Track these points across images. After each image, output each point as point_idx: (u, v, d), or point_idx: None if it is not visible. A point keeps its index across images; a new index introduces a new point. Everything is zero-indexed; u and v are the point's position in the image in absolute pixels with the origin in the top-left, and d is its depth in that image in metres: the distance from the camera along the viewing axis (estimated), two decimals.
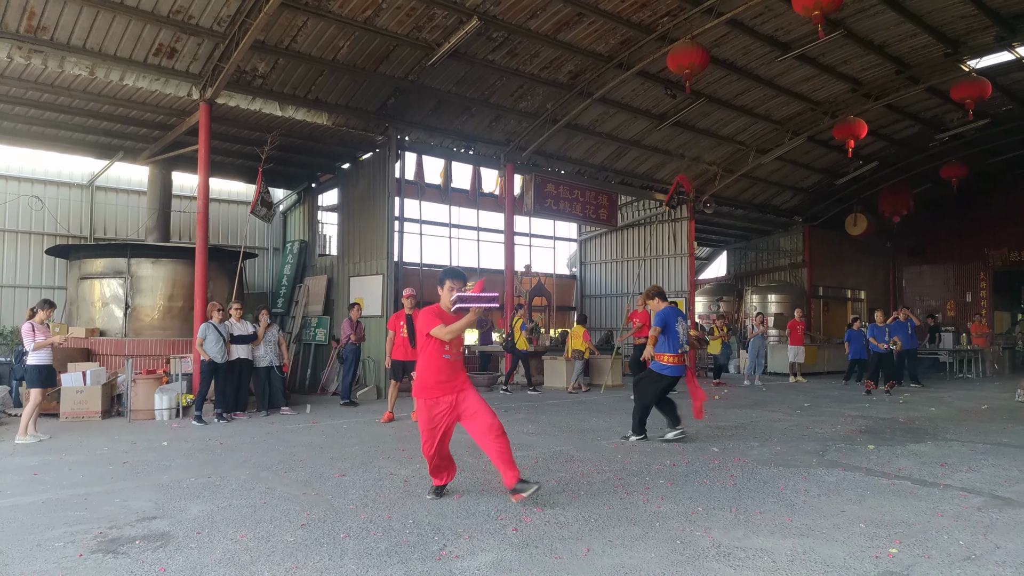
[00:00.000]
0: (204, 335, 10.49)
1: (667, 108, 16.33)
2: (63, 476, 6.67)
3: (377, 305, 14.10)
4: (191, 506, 5.50)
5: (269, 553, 4.38)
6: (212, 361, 10.43)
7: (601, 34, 13.19)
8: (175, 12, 10.43)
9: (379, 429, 9.69)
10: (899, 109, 18.00)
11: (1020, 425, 9.79)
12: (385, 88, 13.38)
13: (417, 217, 18.13)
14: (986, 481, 6.30)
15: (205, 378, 10.50)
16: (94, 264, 13.21)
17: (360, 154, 15.40)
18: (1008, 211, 24.23)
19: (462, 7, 11.54)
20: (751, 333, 17.40)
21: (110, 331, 12.84)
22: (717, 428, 9.58)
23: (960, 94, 14.47)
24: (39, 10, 9.89)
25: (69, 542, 4.63)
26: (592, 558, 4.29)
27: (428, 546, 4.51)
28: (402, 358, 10.55)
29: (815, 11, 10.19)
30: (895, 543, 4.53)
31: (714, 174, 19.68)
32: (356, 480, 6.36)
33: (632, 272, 21.89)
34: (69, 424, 10.10)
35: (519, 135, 16.07)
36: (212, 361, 10.43)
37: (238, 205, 16.95)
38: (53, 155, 14.42)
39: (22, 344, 9.41)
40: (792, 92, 16.45)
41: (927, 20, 13.83)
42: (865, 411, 11.42)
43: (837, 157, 20.12)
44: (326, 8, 11.03)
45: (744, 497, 5.71)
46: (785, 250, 25.12)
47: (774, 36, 14.00)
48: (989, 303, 25.20)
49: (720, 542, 4.56)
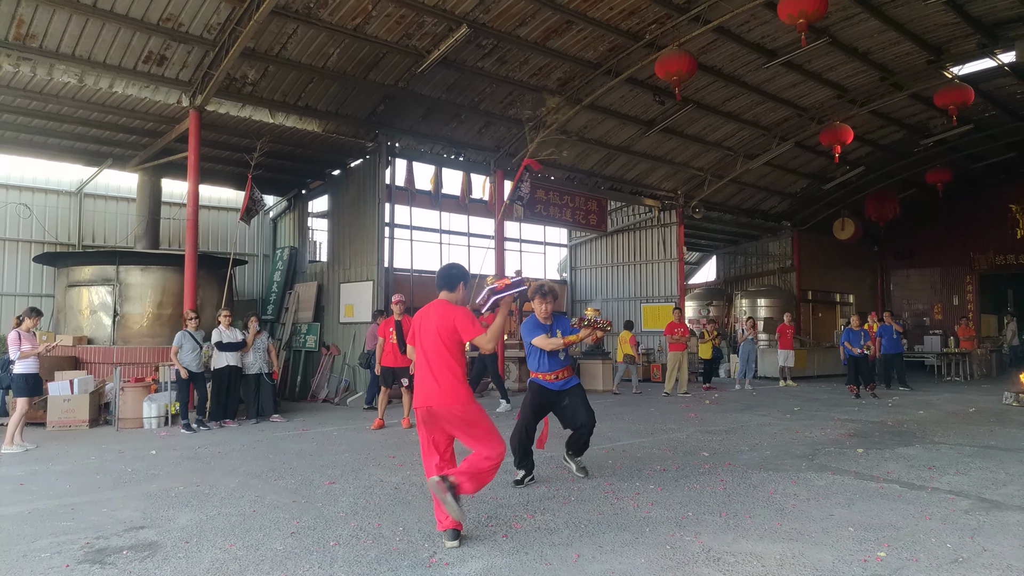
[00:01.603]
0: (180, 343, 10.40)
1: (655, 114, 16.42)
2: (50, 486, 6.62)
3: (367, 311, 14.08)
4: (179, 515, 5.48)
5: (258, 562, 4.37)
6: (188, 370, 10.37)
7: (590, 41, 13.26)
8: (165, 19, 10.43)
9: (369, 436, 9.67)
10: (884, 115, 18.17)
11: (1007, 428, 9.86)
12: (375, 95, 13.40)
13: (407, 223, 18.13)
14: (974, 484, 6.34)
15: (183, 387, 10.42)
16: (82, 272, 13.13)
17: (350, 161, 15.40)
18: (993, 215, 24.48)
19: (451, 15, 11.58)
20: (741, 337, 17.47)
21: (98, 339, 12.76)
22: (707, 433, 9.61)
23: (943, 100, 14.66)
24: (28, 18, 9.88)
25: (56, 552, 4.60)
26: (582, 564, 4.29)
27: (418, 553, 4.51)
28: (392, 364, 10.54)
29: (800, 19, 10.31)
30: (883, 546, 4.56)
31: (703, 179, 19.79)
32: (346, 488, 6.34)
33: (622, 277, 21.96)
34: (56, 433, 10.02)
35: (509, 141, 16.11)
36: (188, 370, 10.37)
37: (228, 212, 16.91)
38: (41, 162, 14.37)
39: (8, 353, 9.35)
40: (779, 98, 16.58)
41: (910, 28, 13.98)
42: (854, 415, 11.47)
43: (824, 162, 20.27)
44: (316, 16, 11.05)
45: (734, 502, 5.73)
46: (774, 255, 25.26)
47: (760, 43, 14.11)
48: (976, 306, 25.39)
49: (710, 547, 4.58)
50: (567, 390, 6.56)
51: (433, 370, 4.79)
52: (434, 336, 4.81)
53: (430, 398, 4.76)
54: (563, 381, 6.55)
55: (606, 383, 15.97)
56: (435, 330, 4.81)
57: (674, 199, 20.26)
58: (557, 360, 6.52)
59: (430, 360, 4.81)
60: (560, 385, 6.53)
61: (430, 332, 4.85)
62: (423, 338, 4.89)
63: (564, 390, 6.55)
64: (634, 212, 21.46)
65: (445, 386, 4.74)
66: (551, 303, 6.57)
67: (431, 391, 4.77)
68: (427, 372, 4.82)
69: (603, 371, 16.01)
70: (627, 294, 21.80)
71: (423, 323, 4.94)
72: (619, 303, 21.96)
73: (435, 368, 4.79)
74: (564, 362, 6.58)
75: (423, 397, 4.81)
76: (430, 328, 4.85)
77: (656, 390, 16.23)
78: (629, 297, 21.71)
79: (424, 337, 4.88)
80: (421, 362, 4.89)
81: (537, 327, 6.47)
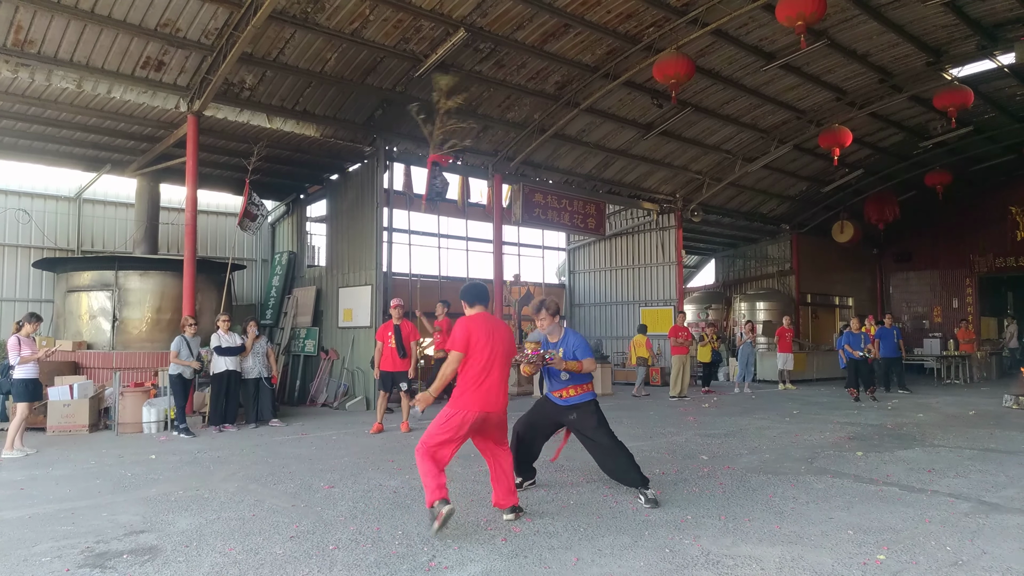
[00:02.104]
0: (177, 349, 10.44)
1: (654, 118, 16.43)
2: (50, 490, 6.62)
3: (366, 316, 14.08)
4: (179, 519, 5.48)
5: (258, 566, 4.37)
6: (181, 376, 10.40)
7: (587, 45, 13.28)
8: (163, 25, 10.44)
9: (368, 440, 9.67)
10: (883, 117, 18.17)
11: (1007, 431, 9.86)
12: (373, 99, 13.41)
13: (406, 227, 18.13)
14: (973, 487, 6.35)
15: (178, 391, 10.42)
16: (81, 277, 13.14)
17: (348, 165, 15.40)
18: (992, 217, 24.48)
19: (449, 19, 11.60)
20: (740, 341, 17.47)
21: (97, 344, 12.76)
22: (706, 436, 9.61)
23: (943, 102, 14.67)
24: (26, 24, 9.88)
25: (56, 557, 4.60)
26: (581, 567, 4.29)
27: (417, 557, 4.50)
28: (390, 369, 10.52)
29: (798, 21, 10.31)
30: (883, 549, 4.56)
31: (701, 182, 19.81)
32: (345, 492, 6.34)
33: (621, 281, 21.97)
34: (56, 438, 10.02)
35: (507, 145, 16.12)
36: (181, 376, 10.40)
37: (226, 217, 16.91)
38: (40, 168, 14.35)
39: (8, 358, 9.35)
40: (777, 101, 16.59)
41: (909, 30, 13.98)
42: (853, 418, 11.48)
43: (823, 165, 20.29)
44: (314, 21, 11.07)
45: (733, 505, 5.74)
46: (773, 258, 25.25)
47: (759, 46, 14.12)
48: (975, 309, 25.39)
49: (709, 550, 4.58)
50: (575, 406, 5.99)
51: (502, 379, 5.27)
52: (510, 348, 5.37)
53: (496, 404, 5.23)
54: (569, 399, 5.99)
55: (604, 387, 15.95)
56: (508, 342, 5.35)
57: (673, 202, 20.27)
58: (559, 380, 5.98)
59: (503, 369, 5.29)
60: (565, 402, 6.01)
61: (504, 343, 5.32)
62: (498, 348, 5.26)
63: (570, 407, 6.00)
64: (633, 215, 21.47)
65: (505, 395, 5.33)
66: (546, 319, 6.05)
67: (498, 399, 5.25)
68: (497, 380, 5.23)
69: (601, 375, 15.95)
70: (626, 298, 21.80)
71: (494, 333, 5.30)
72: (618, 307, 21.97)
73: (503, 378, 5.28)
74: (567, 382, 5.97)
75: (489, 403, 5.19)
76: (503, 340, 5.32)
77: (656, 394, 16.24)
78: (628, 301, 21.71)
79: (498, 348, 5.26)
80: (490, 370, 5.20)
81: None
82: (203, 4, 10.23)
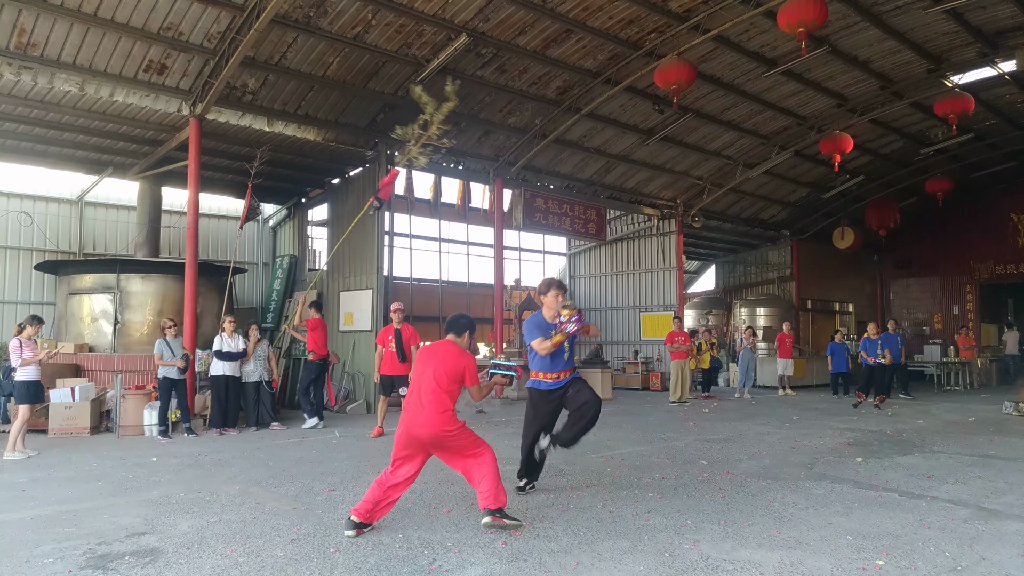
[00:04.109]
0: (160, 351, 10.39)
1: (655, 123, 16.47)
2: (52, 492, 6.63)
3: (367, 320, 14.10)
4: (181, 521, 5.49)
5: (259, 568, 4.38)
6: (167, 377, 10.33)
7: (589, 50, 13.32)
8: (165, 28, 10.48)
9: (369, 444, 9.68)
10: (884, 124, 18.20)
11: (1007, 437, 9.87)
12: (375, 104, 13.45)
13: (407, 232, 18.16)
14: (973, 493, 6.35)
15: (164, 394, 10.36)
16: (83, 280, 13.16)
17: (350, 169, 15.44)
18: (993, 224, 24.48)
19: (451, 24, 11.64)
20: (740, 346, 17.49)
21: (99, 347, 12.78)
22: (706, 441, 9.62)
23: (944, 109, 14.70)
24: (29, 26, 9.93)
25: (58, 558, 4.62)
26: (581, 572, 4.30)
27: (418, 560, 4.52)
28: (391, 372, 10.50)
29: (800, 28, 10.35)
30: (882, 555, 4.57)
31: (702, 188, 19.84)
32: (346, 495, 6.35)
33: (621, 286, 21.98)
34: (57, 440, 10.03)
35: (508, 150, 16.16)
36: (167, 377, 10.33)
37: (228, 220, 16.95)
38: (42, 171, 14.39)
39: (10, 360, 9.37)
40: (778, 107, 16.63)
41: (910, 37, 14.02)
42: (853, 424, 11.48)
43: (824, 171, 20.30)
44: (316, 25, 11.11)
45: (732, 510, 5.75)
46: (773, 263, 25.27)
47: (760, 52, 14.17)
48: (976, 315, 25.39)
49: (708, 555, 4.59)
50: (568, 383, 6.12)
51: (431, 402, 5.14)
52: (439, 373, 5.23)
53: (420, 425, 5.11)
54: (564, 379, 6.12)
55: (604, 392, 15.94)
56: (441, 369, 5.23)
57: (673, 208, 20.30)
58: (561, 360, 6.08)
59: (433, 393, 5.17)
60: (561, 383, 6.10)
61: (437, 367, 5.25)
62: (427, 372, 5.25)
63: (564, 385, 6.11)
64: (633, 221, 21.50)
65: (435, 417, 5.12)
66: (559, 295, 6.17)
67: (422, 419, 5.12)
68: (417, 402, 5.19)
69: (602, 379, 15.97)
70: (626, 303, 21.81)
71: (427, 359, 5.36)
72: (618, 312, 21.97)
73: (431, 400, 5.14)
74: (569, 363, 6.15)
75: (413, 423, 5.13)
76: (438, 364, 5.27)
77: (654, 399, 16.24)
78: (628, 306, 21.71)
79: (427, 371, 5.25)
80: (414, 393, 5.24)
81: (537, 328, 6.05)
82: (206, 8, 10.28)
